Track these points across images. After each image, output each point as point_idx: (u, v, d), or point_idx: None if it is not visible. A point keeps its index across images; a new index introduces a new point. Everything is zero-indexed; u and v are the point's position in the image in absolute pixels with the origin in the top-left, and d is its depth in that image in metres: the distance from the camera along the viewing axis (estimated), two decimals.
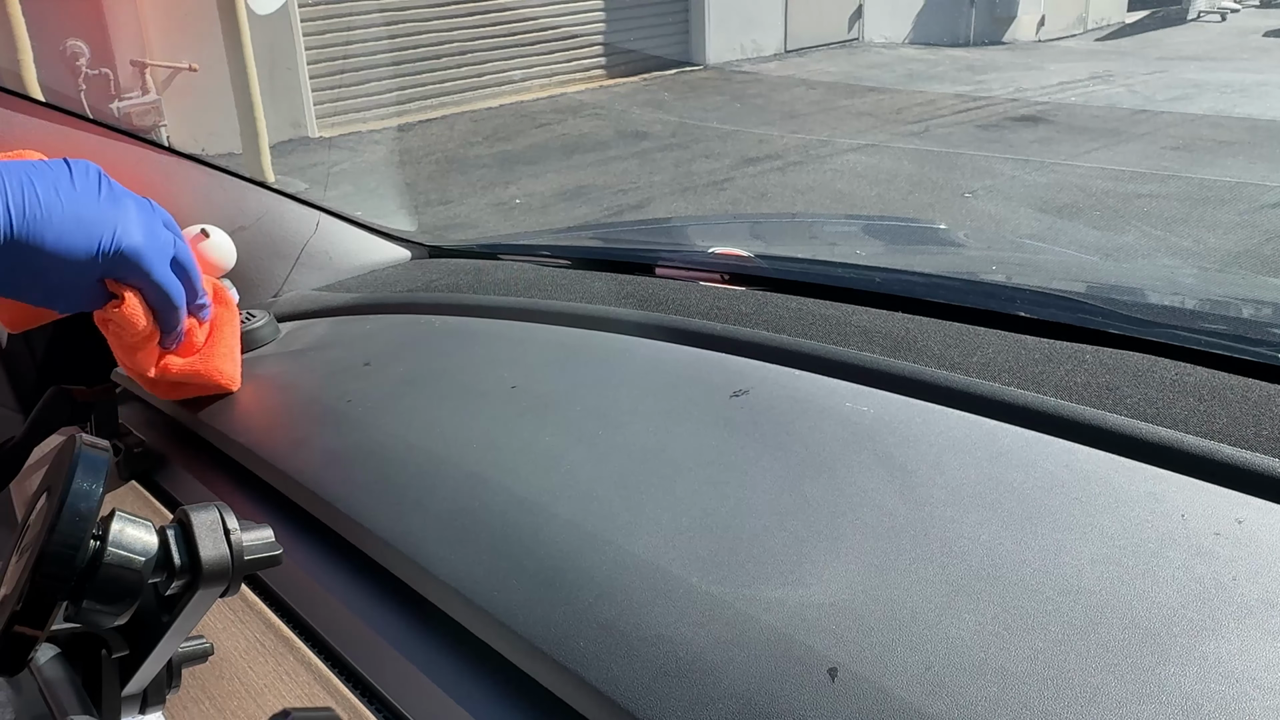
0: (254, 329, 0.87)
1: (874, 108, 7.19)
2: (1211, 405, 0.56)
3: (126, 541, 0.33)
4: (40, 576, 0.30)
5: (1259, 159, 5.44)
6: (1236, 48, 9.48)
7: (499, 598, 0.49)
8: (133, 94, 5.73)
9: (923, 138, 6.24)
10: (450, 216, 5.01)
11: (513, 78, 7.96)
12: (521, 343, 0.78)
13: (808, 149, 6.05)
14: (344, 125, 6.93)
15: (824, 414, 0.60)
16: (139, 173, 0.92)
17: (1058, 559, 0.44)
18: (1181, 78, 7.91)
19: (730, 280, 0.91)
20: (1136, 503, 0.47)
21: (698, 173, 5.61)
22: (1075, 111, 6.87)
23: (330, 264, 1.05)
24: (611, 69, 8.56)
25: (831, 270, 0.92)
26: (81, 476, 0.31)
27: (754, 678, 0.41)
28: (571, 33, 8.23)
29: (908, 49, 9.88)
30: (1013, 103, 7.19)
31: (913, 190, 5.18)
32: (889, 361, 0.65)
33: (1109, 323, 0.69)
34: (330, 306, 0.96)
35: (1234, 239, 4.20)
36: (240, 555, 0.36)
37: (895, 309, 0.76)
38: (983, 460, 0.53)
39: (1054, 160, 5.58)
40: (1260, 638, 0.39)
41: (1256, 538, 0.44)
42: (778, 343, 0.70)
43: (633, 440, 0.60)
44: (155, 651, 0.38)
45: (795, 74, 8.55)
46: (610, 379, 0.69)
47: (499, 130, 6.91)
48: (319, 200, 1.07)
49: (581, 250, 1.16)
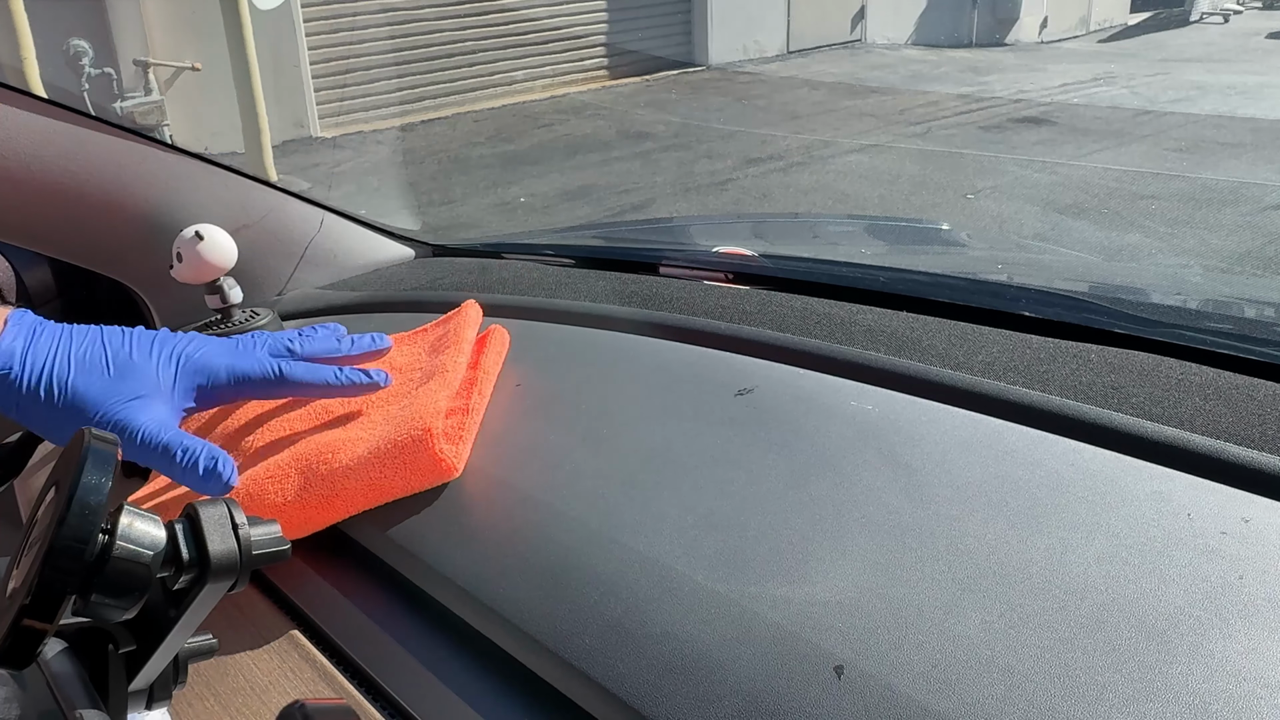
0: (258, 327, 0.87)
1: (877, 108, 7.19)
2: (1217, 405, 0.56)
3: (135, 535, 0.33)
4: (49, 570, 0.31)
5: (1262, 160, 5.44)
6: (1239, 49, 9.47)
7: (504, 595, 0.50)
8: (136, 93, 5.74)
9: (925, 138, 6.24)
10: (453, 216, 5.01)
11: (515, 78, 7.97)
12: (525, 341, 0.78)
13: (810, 150, 6.04)
14: (347, 125, 6.93)
15: (829, 412, 0.60)
16: (143, 172, 0.92)
17: (1064, 557, 0.44)
18: (1184, 79, 7.90)
19: (734, 279, 0.91)
20: (1142, 502, 0.47)
21: (700, 173, 5.61)
22: (1078, 113, 6.86)
23: (334, 262, 1.05)
24: (614, 69, 8.57)
25: (836, 269, 0.92)
26: (90, 470, 0.31)
27: (760, 675, 0.41)
28: (574, 33, 8.23)
29: (910, 50, 9.87)
30: (1015, 104, 7.19)
31: (915, 191, 5.18)
32: (894, 360, 0.65)
33: (1114, 322, 0.69)
34: (334, 305, 0.96)
35: (1238, 240, 4.20)
36: (248, 550, 0.36)
37: (899, 308, 0.76)
38: (988, 459, 0.53)
39: (1057, 161, 5.58)
40: (1267, 636, 0.39)
41: (1263, 537, 0.44)
42: (782, 341, 0.70)
43: (637, 438, 0.60)
44: (163, 646, 0.38)
45: (798, 75, 8.54)
46: (614, 377, 0.69)
47: (502, 130, 6.91)
48: (322, 199, 1.07)
49: (585, 249, 1.16)
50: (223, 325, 0.87)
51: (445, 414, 0.61)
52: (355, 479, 0.57)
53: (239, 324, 0.87)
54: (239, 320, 0.87)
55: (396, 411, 0.62)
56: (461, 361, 0.67)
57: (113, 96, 5.60)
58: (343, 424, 0.64)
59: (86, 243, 0.93)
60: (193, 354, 0.62)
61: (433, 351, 0.71)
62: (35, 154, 0.86)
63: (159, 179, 0.93)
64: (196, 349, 0.62)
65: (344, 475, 0.57)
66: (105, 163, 0.90)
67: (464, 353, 0.68)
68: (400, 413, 0.62)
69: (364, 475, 0.57)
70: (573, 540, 0.52)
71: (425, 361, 0.70)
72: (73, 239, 0.93)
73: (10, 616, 0.31)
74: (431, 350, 0.71)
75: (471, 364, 0.68)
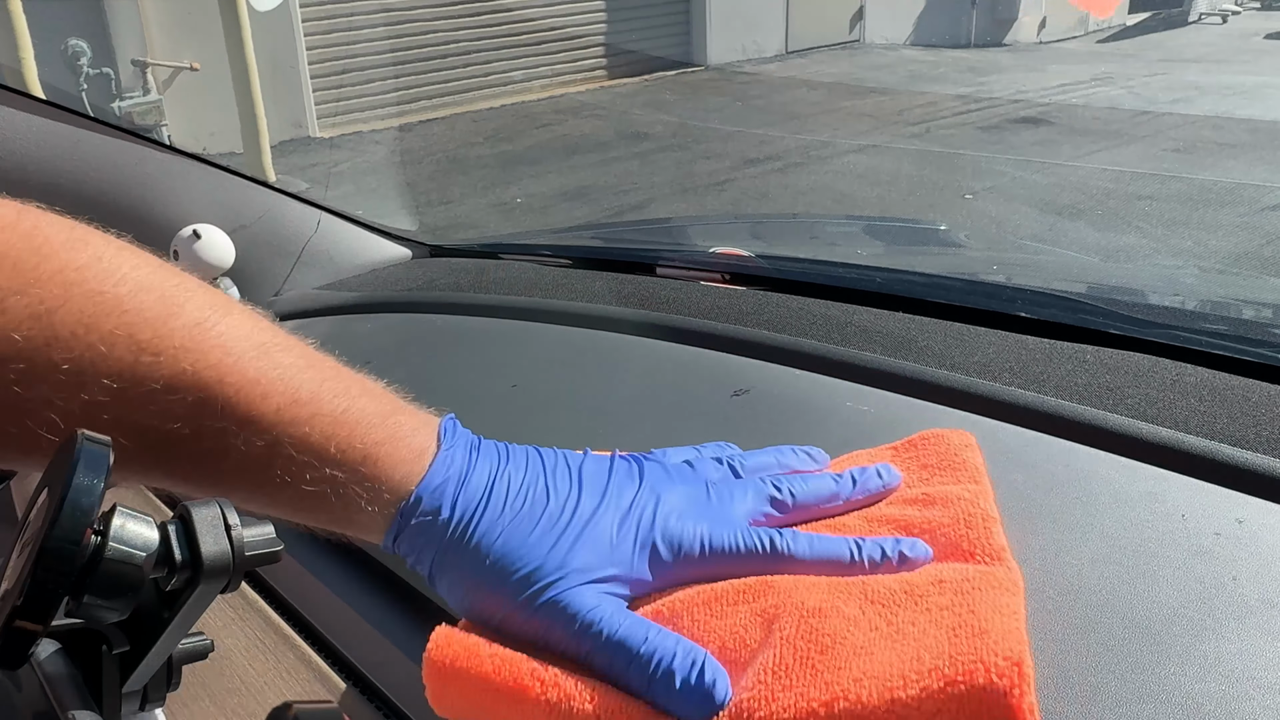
0: None
1: (875, 109, 7.19)
2: (1212, 405, 0.56)
3: (128, 537, 0.33)
4: (41, 571, 0.30)
5: (1259, 161, 5.44)
6: (1237, 50, 9.47)
7: None
8: (134, 93, 5.74)
9: (924, 139, 6.24)
10: (451, 217, 5.01)
11: (514, 78, 7.97)
12: (522, 342, 0.78)
13: (809, 150, 6.05)
14: (345, 125, 6.93)
15: (825, 413, 0.60)
16: (140, 172, 0.92)
17: (1058, 558, 0.44)
18: (1182, 80, 7.91)
19: (731, 280, 0.91)
20: (1137, 502, 0.47)
21: (698, 173, 5.61)
22: (1076, 113, 6.87)
23: (331, 263, 1.05)
24: (613, 70, 8.57)
25: (832, 270, 0.92)
26: (83, 472, 0.31)
27: None
28: (573, 33, 8.23)
29: (909, 50, 9.88)
30: (1014, 104, 7.19)
31: (913, 191, 5.18)
32: (890, 361, 0.65)
33: (1109, 323, 0.69)
34: (331, 305, 0.96)
35: (1235, 241, 4.20)
36: (241, 551, 0.36)
37: (896, 309, 0.76)
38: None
39: (1055, 161, 5.58)
40: (1260, 637, 0.39)
41: (1257, 538, 0.44)
42: (778, 342, 0.70)
43: (633, 439, 0.60)
44: (156, 647, 0.38)
45: (796, 75, 8.55)
46: (611, 378, 0.69)
47: (500, 130, 6.91)
48: (320, 199, 1.07)
49: (582, 250, 1.16)
50: None
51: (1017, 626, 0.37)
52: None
53: None
54: None
55: (944, 609, 0.39)
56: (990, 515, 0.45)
57: (111, 96, 5.60)
58: (856, 620, 0.39)
59: None
60: (656, 512, 0.43)
61: (931, 479, 0.48)
62: (32, 155, 0.86)
63: (156, 180, 0.93)
64: (661, 504, 0.43)
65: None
66: (102, 163, 0.90)
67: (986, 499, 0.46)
68: (953, 617, 0.38)
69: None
70: None
71: (932, 508, 0.46)
72: None
73: (2, 618, 0.31)
74: (928, 477, 0.49)
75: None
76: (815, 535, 0.44)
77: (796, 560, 0.43)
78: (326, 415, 0.40)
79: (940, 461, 0.49)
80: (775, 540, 0.43)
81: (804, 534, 0.44)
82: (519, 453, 0.44)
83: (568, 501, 0.42)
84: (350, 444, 0.41)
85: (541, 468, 0.44)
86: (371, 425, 0.41)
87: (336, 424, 0.41)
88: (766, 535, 0.43)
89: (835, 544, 0.43)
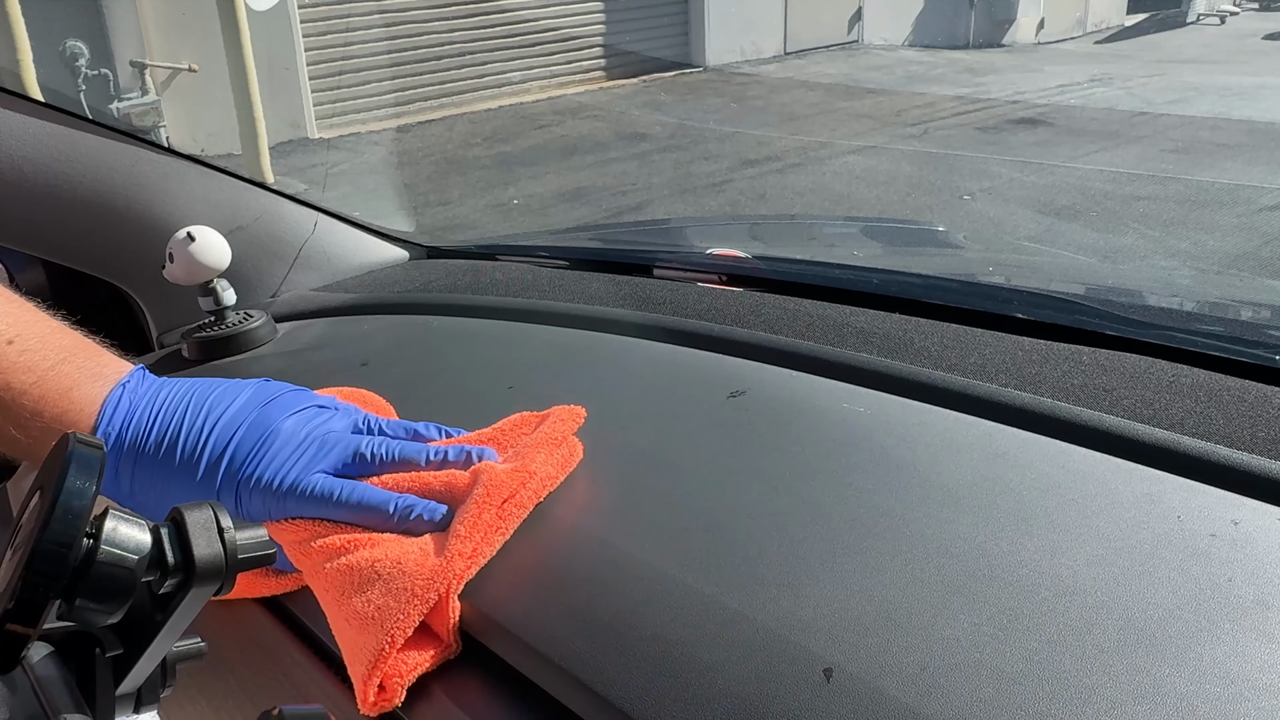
0: (251, 329, 0.87)
1: (873, 110, 7.19)
2: (1208, 407, 0.56)
3: (120, 539, 0.33)
4: (32, 574, 0.30)
5: (1257, 162, 5.45)
6: (1235, 50, 9.49)
7: (493, 596, 0.49)
8: (132, 94, 5.73)
9: (922, 140, 6.25)
10: (449, 218, 5.01)
11: (512, 79, 7.97)
12: (519, 343, 0.78)
13: (807, 151, 6.05)
14: (343, 126, 6.93)
15: (821, 415, 0.60)
16: (137, 174, 0.92)
17: (1053, 560, 0.44)
18: (1180, 80, 7.92)
19: (728, 281, 0.91)
20: (1132, 504, 0.47)
21: (697, 174, 5.61)
22: (1074, 114, 6.87)
23: (328, 264, 1.05)
24: (611, 70, 8.57)
25: (829, 271, 0.92)
26: (74, 474, 0.31)
27: (749, 678, 0.41)
28: (571, 34, 8.23)
29: (907, 51, 9.88)
30: (1012, 105, 7.20)
31: (911, 192, 5.19)
32: (886, 363, 0.65)
33: (1106, 324, 0.69)
34: (328, 307, 0.96)
35: (1232, 241, 4.20)
36: (234, 553, 0.36)
37: (892, 310, 0.76)
38: (979, 461, 0.53)
39: (1053, 162, 5.59)
40: (1255, 639, 0.39)
41: (1252, 539, 0.44)
42: (775, 344, 0.70)
43: (630, 441, 0.60)
44: (149, 650, 0.38)
45: (794, 76, 8.55)
46: (608, 380, 0.69)
47: (498, 132, 6.91)
48: (317, 201, 1.07)
49: (579, 251, 1.16)
50: (216, 327, 0.87)
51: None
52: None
53: (232, 326, 0.87)
54: (233, 323, 0.87)
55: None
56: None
57: (109, 97, 5.59)
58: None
59: (80, 245, 0.93)
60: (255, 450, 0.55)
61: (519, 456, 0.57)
62: (29, 156, 0.86)
63: (153, 181, 0.93)
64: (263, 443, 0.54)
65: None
66: (99, 165, 0.90)
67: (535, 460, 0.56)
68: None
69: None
70: (562, 542, 0.52)
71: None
72: (66, 241, 0.93)
73: None
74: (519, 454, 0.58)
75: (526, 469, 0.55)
76: (367, 485, 0.54)
77: (343, 506, 0.52)
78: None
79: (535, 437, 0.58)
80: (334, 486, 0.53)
81: (364, 484, 0.53)
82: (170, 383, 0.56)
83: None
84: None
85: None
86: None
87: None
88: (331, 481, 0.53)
89: (379, 493, 0.53)
